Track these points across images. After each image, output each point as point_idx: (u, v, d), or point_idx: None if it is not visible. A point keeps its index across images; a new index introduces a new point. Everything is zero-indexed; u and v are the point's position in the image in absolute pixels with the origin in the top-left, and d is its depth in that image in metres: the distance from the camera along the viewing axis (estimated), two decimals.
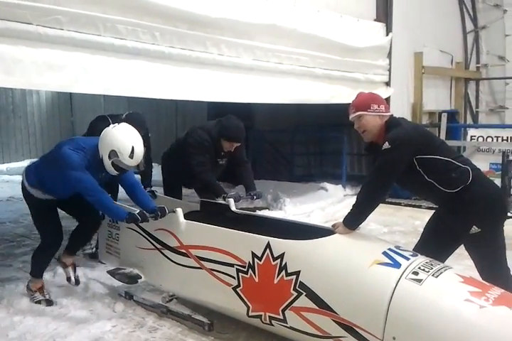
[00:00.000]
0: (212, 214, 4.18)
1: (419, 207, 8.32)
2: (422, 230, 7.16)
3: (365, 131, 3.28)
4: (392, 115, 3.30)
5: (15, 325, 3.81)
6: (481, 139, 9.05)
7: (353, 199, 3.31)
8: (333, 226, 3.26)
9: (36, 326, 3.80)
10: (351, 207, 3.25)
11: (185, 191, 5.32)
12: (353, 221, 3.19)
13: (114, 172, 3.74)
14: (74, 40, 4.28)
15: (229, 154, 4.86)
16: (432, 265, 2.87)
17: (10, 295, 4.25)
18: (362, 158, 11.90)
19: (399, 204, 8.51)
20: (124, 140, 3.61)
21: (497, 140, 8.95)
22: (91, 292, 4.43)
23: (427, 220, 3.49)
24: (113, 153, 3.60)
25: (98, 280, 4.67)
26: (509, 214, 3.40)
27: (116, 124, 3.77)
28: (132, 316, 3.99)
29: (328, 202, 8.35)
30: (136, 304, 4.14)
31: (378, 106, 3.22)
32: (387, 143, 3.06)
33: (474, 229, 3.08)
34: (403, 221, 7.08)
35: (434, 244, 3.26)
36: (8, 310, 4.05)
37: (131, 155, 3.57)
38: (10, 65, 3.91)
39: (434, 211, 3.50)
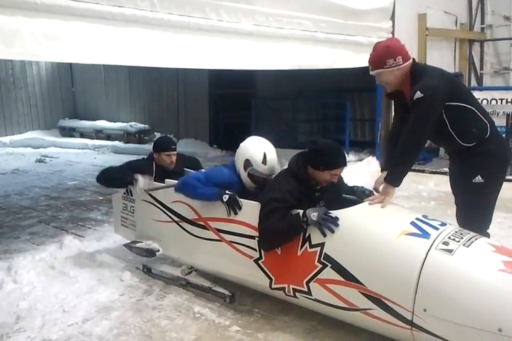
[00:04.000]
0: None
1: (423, 171, 8.31)
2: (425, 194, 7.18)
3: (387, 83, 3.34)
4: (413, 60, 3.30)
5: (25, 295, 3.88)
6: (485, 102, 8.93)
7: (357, 166, 3.32)
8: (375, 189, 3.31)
9: (45, 296, 3.86)
10: (392, 164, 3.26)
11: None
12: (398, 177, 3.19)
13: (252, 186, 3.62)
14: (71, 9, 4.19)
15: None
16: (462, 234, 2.81)
17: (18, 266, 4.29)
18: (365, 123, 11.86)
19: (408, 171, 8.47)
20: (255, 147, 3.61)
21: (501, 102, 8.86)
22: (98, 262, 4.48)
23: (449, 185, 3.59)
24: (247, 163, 3.56)
25: (105, 251, 4.72)
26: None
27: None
28: (139, 284, 4.05)
29: None
30: (144, 273, 4.19)
31: (395, 60, 3.19)
32: (418, 92, 3.05)
33: (478, 178, 3.18)
34: (406, 185, 7.01)
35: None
36: (17, 281, 4.10)
37: (264, 161, 3.52)
38: (8, 36, 3.83)
39: (443, 175, 3.58)
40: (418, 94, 3.05)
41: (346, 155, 3.48)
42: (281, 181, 3.26)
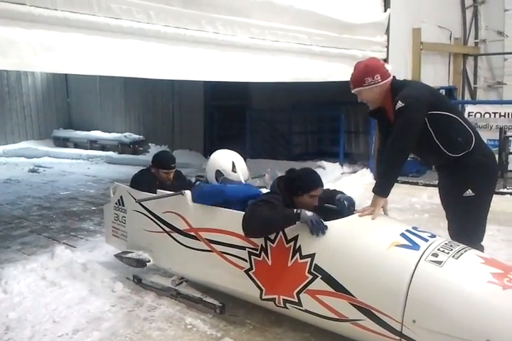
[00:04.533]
0: None
1: (416, 184, 8.35)
2: (418, 207, 7.17)
3: (368, 101, 3.39)
4: (394, 78, 3.34)
5: (14, 306, 3.85)
6: (478, 115, 9.04)
7: (351, 178, 3.33)
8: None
9: (36, 307, 3.84)
10: (379, 174, 3.29)
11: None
12: (385, 187, 3.19)
13: None
14: (68, 20, 4.20)
15: None
16: (451, 246, 2.82)
17: (9, 276, 4.26)
18: (359, 136, 11.92)
19: (395, 181, 8.50)
20: (223, 158, 3.75)
21: (495, 116, 8.94)
22: (90, 272, 4.45)
23: (439, 200, 3.55)
24: (218, 174, 3.68)
25: (97, 261, 4.70)
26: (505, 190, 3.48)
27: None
28: (131, 295, 4.02)
29: (325, 181, 8.25)
30: (135, 284, 4.17)
31: (373, 78, 3.25)
32: (400, 102, 3.08)
33: (469, 192, 3.18)
34: (400, 198, 7.08)
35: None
36: (7, 291, 4.08)
37: (234, 169, 3.65)
38: (4, 47, 3.84)
39: (436, 187, 3.57)
40: (400, 104, 3.08)
41: (340, 167, 3.51)
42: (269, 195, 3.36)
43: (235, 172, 3.64)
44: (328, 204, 3.47)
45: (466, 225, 3.29)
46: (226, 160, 3.71)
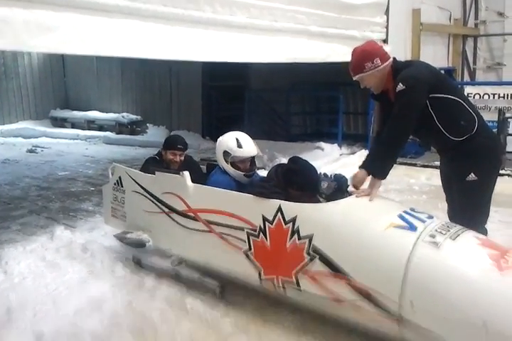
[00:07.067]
0: None
1: (414, 165, 8.36)
2: (416, 188, 7.18)
3: (371, 86, 3.35)
4: (394, 59, 3.30)
5: (15, 286, 3.87)
6: (477, 97, 9.00)
7: (349, 159, 3.32)
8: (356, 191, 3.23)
9: (36, 287, 3.85)
10: (378, 156, 3.25)
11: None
12: (384, 169, 3.18)
13: (241, 175, 3.72)
14: (65, 0, 4.17)
15: None
16: (448, 227, 2.83)
17: (9, 257, 4.28)
18: (358, 117, 11.89)
19: (394, 163, 8.51)
20: (227, 137, 3.77)
21: (494, 97, 8.91)
22: (89, 253, 4.47)
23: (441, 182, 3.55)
24: (225, 154, 3.70)
25: (96, 242, 4.71)
26: (503, 171, 3.47)
27: None
28: (131, 276, 4.03)
29: (324, 162, 8.33)
30: (135, 265, 4.19)
31: (373, 62, 3.19)
32: (400, 84, 3.05)
33: (472, 176, 3.16)
34: (398, 179, 7.08)
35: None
36: (7, 272, 4.10)
37: (239, 144, 3.66)
38: (1, 27, 3.81)
39: (434, 169, 3.56)
40: (400, 86, 3.04)
41: (339, 148, 3.50)
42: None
43: (241, 147, 3.66)
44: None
45: (468, 209, 3.27)
46: (230, 138, 3.73)
